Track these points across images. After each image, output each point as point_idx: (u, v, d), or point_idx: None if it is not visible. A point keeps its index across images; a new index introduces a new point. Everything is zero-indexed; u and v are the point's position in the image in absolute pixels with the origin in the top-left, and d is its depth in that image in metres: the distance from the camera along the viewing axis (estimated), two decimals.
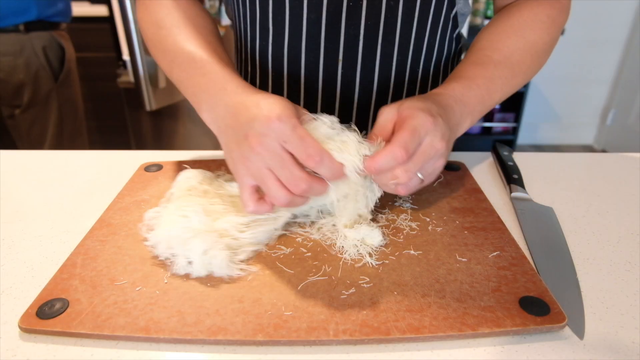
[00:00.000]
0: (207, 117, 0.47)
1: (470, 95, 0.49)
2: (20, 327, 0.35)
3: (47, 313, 0.36)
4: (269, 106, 0.40)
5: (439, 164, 0.44)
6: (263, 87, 0.65)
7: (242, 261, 0.42)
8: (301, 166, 0.40)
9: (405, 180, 0.42)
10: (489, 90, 0.51)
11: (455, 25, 0.63)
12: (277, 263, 0.42)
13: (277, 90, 0.64)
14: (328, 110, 0.63)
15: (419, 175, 0.43)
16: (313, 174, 0.41)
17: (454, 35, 0.64)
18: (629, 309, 0.39)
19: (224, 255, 0.41)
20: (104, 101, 2.36)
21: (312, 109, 0.63)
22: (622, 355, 0.34)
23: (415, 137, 0.41)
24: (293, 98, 0.64)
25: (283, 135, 0.39)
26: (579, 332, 0.36)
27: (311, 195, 0.43)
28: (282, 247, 0.44)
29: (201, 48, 0.50)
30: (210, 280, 0.40)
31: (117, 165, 0.64)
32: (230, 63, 0.51)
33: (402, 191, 0.43)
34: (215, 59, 0.49)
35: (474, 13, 2.43)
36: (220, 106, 0.45)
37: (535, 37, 0.55)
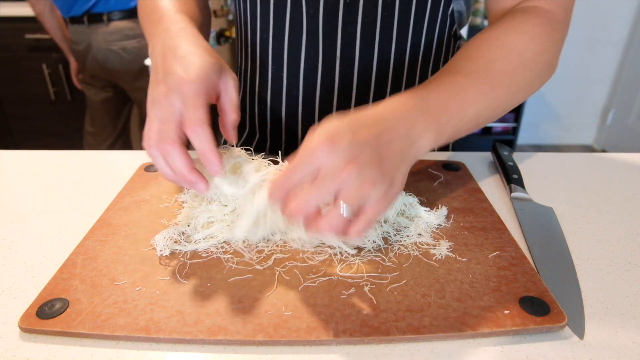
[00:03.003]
0: (150, 50, 0.49)
1: (432, 101, 0.42)
2: (20, 327, 0.35)
3: (47, 313, 0.36)
4: (190, 66, 0.42)
5: (365, 190, 0.35)
6: (263, 80, 0.66)
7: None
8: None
9: (299, 214, 0.36)
10: (460, 99, 0.43)
11: (453, 23, 0.63)
12: (277, 263, 0.42)
13: (276, 84, 0.64)
14: (326, 105, 0.63)
15: (343, 211, 0.35)
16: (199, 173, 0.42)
17: (452, 33, 0.64)
18: (629, 309, 0.39)
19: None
20: None
21: (311, 104, 0.64)
22: (622, 355, 0.34)
23: (299, 167, 0.36)
24: (292, 92, 0.64)
25: (183, 97, 0.41)
26: (579, 332, 0.36)
27: (172, 166, 0.42)
28: (282, 247, 0.44)
29: (171, 3, 0.53)
30: (210, 280, 0.40)
31: (117, 165, 0.64)
32: (193, 19, 0.53)
33: (327, 230, 0.36)
34: (177, 9, 0.52)
35: (474, 13, 2.43)
36: (159, 43, 0.46)
37: (520, 45, 0.48)
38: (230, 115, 0.45)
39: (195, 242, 0.44)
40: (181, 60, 0.43)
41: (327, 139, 0.35)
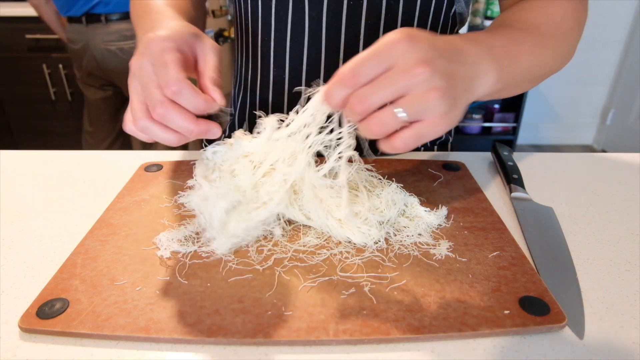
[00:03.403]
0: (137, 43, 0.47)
1: (496, 42, 0.42)
2: (20, 327, 0.35)
3: (47, 313, 0.36)
4: (161, 30, 0.41)
5: (430, 97, 0.33)
6: (264, 82, 0.66)
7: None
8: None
9: (360, 110, 0.34)
10: (517, 48, 0.44)
11: (455, 24, 0.63)
12: (277, 263, 0.42)
13: (277, 86, 0.64)
14: None
15: (399, 112, 0.33)
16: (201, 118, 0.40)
17: (454, 34, 0.64)
18: (629, 309, 0.39)
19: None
20: None
21: None
22: (622, 355, 0.34)
23: (373, 57, 0.34)
24: (294, 95, 0.64)
25: (152, 57, 0.39)
26: (579, 332, 0.36)
27: (175, 127, 0.39)
28: (282, 248, 0.44)
29: (162, 2, 0.53)
30: (210, 280, 0.40)
31: (117, 165, 0.64)
32: (184, 13, 0.54)
33: (376, 130, 0.34)
34: (166, 3, 0.52)
35: (474, 13, 2.43)
36: (142, 32, 0.46)
37: (560, 16, 0.50)
38: (208, 74, 0.42)
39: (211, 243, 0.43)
40: (154, 31, 0.42)
41: (407, 35, 0.34)
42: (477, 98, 0.40)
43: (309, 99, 0.41)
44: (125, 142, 2.11)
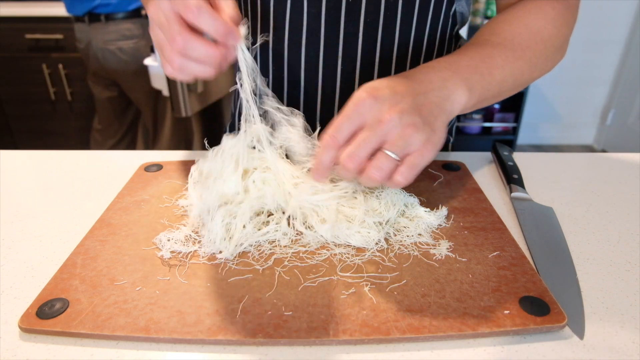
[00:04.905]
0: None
1: (462, 63, 0.45)
2: (20, 327, 0.35)
3: (47, 313, 0.36)
4: None
5: (408, 134, 0.38)
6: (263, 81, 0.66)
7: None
8: (194, 32, 0.40)
9: (353, 167, 0.39)
10: (487, 64, 0.46)
11: (455, 23, 0.63)
12: (277, 263, 0.42)
13: (277, 84, 0.64)
14: (328, 105, 0.63)
15: (390, 154, 0.39)
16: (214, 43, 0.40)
17: (454, 33, 0.64)
18: (629, 309, 0.39)
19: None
20: None
21: (312, 104, 0.64)
22: (622, 355, 0.34)
23: (345, 120, 0.39)
24: (293, 93, 0.64)
25: None
26: (579, 332, 0.36)
27: (197, 56, 0.40)
28: (282, 248, 0.44)
29: None
30: (210, 280, 0.40)
31: (117, 165, 0.64)
32: None
33: (376, 176, 0.39)
34: None
35: (474, 13, 2.43)
36: None
37: (539, 24, 0.52)
38: (227, 10, 0.41)
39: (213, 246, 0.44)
40: None
41: (368, 93, 0.39)
42: (454, 115, 0.44)
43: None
44: (132, 141, 2.12)
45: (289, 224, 0.46)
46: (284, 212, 0.47)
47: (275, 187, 0.47)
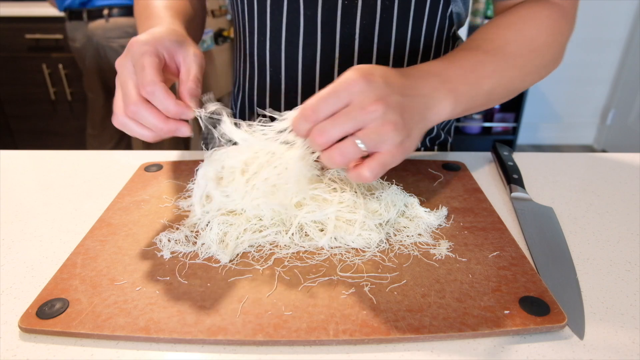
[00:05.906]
0: None
1: (452, 72, 0.45)
2: (20, 327, 0.35)
3: (47, 313, 0.36)
4: (143, 35, 0.44)
5: (385, 130, 0.37)
6: (261, 82, 0.66)
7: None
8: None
9: (321, 142, 0.38)
10: (477, 74, 0.46)
11: (452, 24, 0.63)
12: (277, 263, 0.42)
13: (274, 86, 0.64)
14: None
15: (360, 144, 0.37)
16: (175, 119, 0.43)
17: (451, 34, 0.64)
18: (629, 309, 0.39)
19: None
20: None
21: None
22: (622, 355, 0.34)
23: (332, 95, 0.37)
24: (290, 94, 0.64)
25: (133, 58, 0.42)
26: (579, 332, 0.36)
27: (145, 124, 0.42)
28: (282, 248, 0.44)
29: (162, 4, 0.56)
30: (210, 280, 0.40)
31: (117, 165, 0.64)
32: (182, 13, 0.56)
33: (338, 159, 0.38)
34: (165, 5, 0.55)
35: (474, 13, 2.43)
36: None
37: (533, 32, 0.51)
38: (187, 84, 0.44)
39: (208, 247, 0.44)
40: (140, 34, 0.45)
41: (363, 74, 0.37)
42: (433, 125, 0.44)
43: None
44: (128, 145, 2.10)
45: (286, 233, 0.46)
46: (284, 223, 0.46)
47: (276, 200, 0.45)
